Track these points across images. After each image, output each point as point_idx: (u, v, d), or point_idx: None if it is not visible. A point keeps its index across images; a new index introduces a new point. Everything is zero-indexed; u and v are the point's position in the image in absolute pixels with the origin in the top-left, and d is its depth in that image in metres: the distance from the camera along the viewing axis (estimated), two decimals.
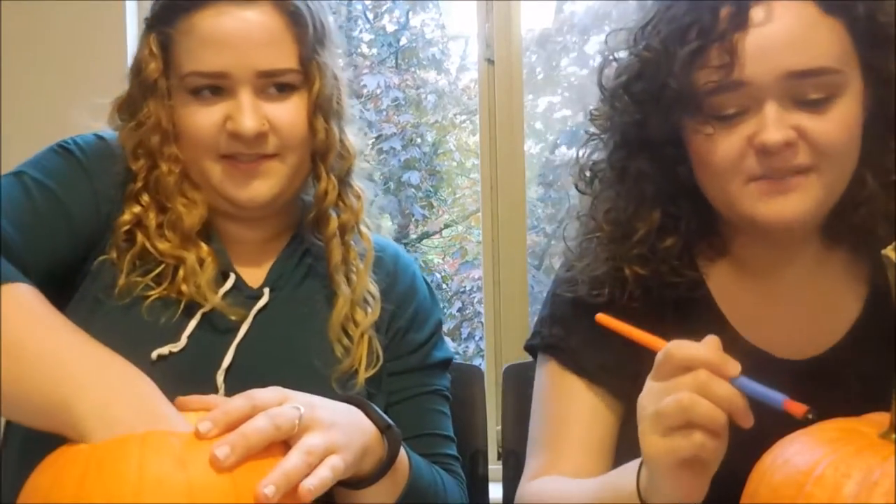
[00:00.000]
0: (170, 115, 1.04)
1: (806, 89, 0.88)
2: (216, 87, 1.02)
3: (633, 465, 0.81)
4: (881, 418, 0.71)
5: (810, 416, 0.72)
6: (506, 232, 2.03)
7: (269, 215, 1.10)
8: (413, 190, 4.18)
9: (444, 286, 4.50)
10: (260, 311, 1.05)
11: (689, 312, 1.01)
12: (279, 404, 0.82)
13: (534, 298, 2.08)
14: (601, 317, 0.85)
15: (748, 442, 0.74)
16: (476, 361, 2.22)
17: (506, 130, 2.02)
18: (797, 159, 0.89)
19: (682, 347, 0.76)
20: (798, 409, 0.72)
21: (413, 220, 4.41)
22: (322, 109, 1.05)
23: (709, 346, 0.76)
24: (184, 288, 1.02)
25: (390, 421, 0.93)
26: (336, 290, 1.08)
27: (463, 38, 4.20)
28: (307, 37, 1.03)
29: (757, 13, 0.89)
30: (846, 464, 0.65)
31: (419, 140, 4.18)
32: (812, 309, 1.01)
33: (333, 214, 1.10)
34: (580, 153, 1.06)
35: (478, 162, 2.13)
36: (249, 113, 1.00)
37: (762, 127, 0.88)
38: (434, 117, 4.20)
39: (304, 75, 1.04)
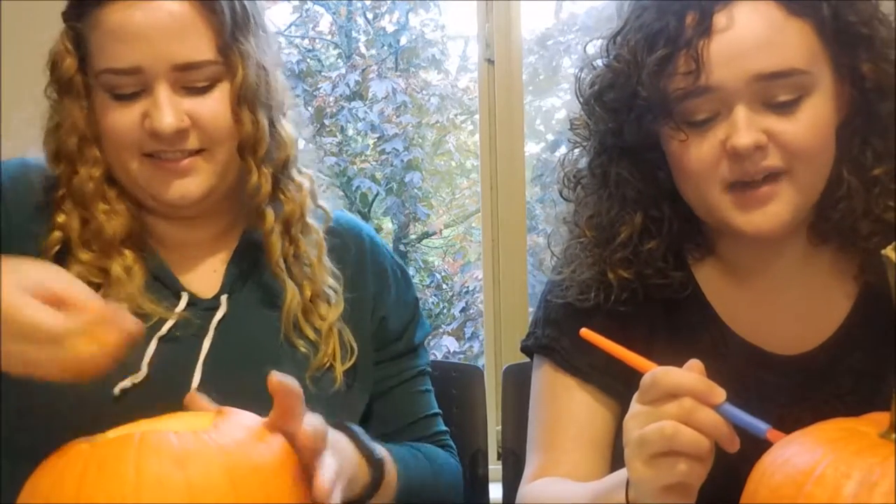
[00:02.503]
0: (87, 116, 0.99)
1: (775, 91, 0.89)
2: (133, 84, 0.96)
3: (623, 474, 0.82)
4: (881, 418, 0.71)
5: None
6: (506, 232, 2.03)
7: (211, 213, 1.05)
8: (416, 190, 4.18)
9: (444, 286, 4.50)
10: (220, 320, 1.01)
11: (681, 312, 1.02)
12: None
13: (534, 298, 2.08)
14: (585, 332, 0.85)
15: (748, 443, 0.75)
16: (480, 361, 2.22)
17: (506, 130, 2.02)
18: (768, 162, 0.90)
19: (668, 374, 0.76)
20: (781, 438, 0.73)
21: (413, 219, 4.41)
22: (247, 100, 0.99)
23: (694, 373, 0.76)
24: (115, 297, 0.95)
25: (377, 452, 0.93)
26: (283, 286, 1.03)
27: (463, 39, 4.21)
28: (225, 25, 0.98)
29: (721, 19, 0.89)
30: (846, 464, 0.65)
31: (420, 140, 4.18)
32: (802, 305, 1.01)
33: (270, 209, 1.03)
34: (563, 160, 1.07)
35: (478, 162, 2.13)
36: (167, 109, 0.95)
37: (733, 131, 0.89)
38: (435, 118, 4.20)
39: (225, 66, 0.99)
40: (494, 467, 1.40)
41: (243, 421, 0.80)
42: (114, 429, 0.81)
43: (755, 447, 0.74)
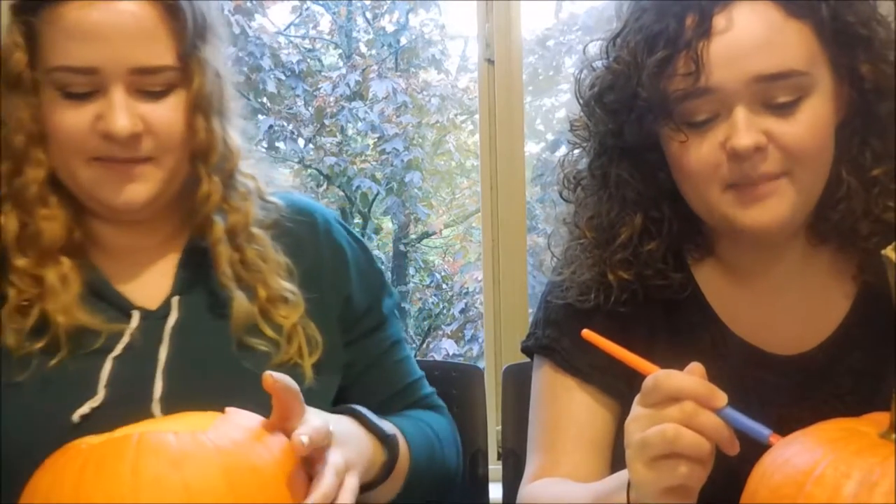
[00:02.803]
0: (36, 113, 0.95)
1: (774, 92, 0.89)
2: (86, 84, 0.93)
3: (624, 475, 0.82)
4: (881, 418, 0.71)
5: None
6: (506, 232, 2.02)
7: (157, 219, 1.03)
8: (416, 190, 4.19)
9: (444, 286, 4.50)
10: (174, 326, 0.99)
11: (681, 313, 1.02)
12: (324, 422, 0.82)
13: (534, 298, 2.08)
14: (587, 333, 0.85)
15: (747, 444, 0.75)
16: (480, 364, 2.22)
17: (506, 130, 2.01)
18: (768, 163, 0.90)
19: (671, 378, 0.76)
20: None
21: (413, 219, 4.41)
22: (202, 108, 0.97)
23: (696, 377, 0.77)
24: (49, 310, 0.93)
25: (388, 430, 0.93)
26: (231, 296, 1.00)
27: (462, 39, 4.21)
28: (186, 31, 0.95)
29: (720, 20, 0.89)
30: (846, 464, 0.65)
31: (420, 140, 4.18)
32: (801, 306, 1.01)
33: (218, 219, 1.01)
34: (563, 161, 1.07)
35: (478, 162, 2.13)
36: (122, 112, 0.92)
37: (732, 132, 0.89)
38: (435, 118, 4.21)
39: (182, 72, 0.96)
40: (494, 467, 1.40)
41: (243, 422, 0.80)
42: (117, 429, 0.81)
43: (755, 448, 0.75)
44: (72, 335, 0.95)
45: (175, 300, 1.00)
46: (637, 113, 0.94)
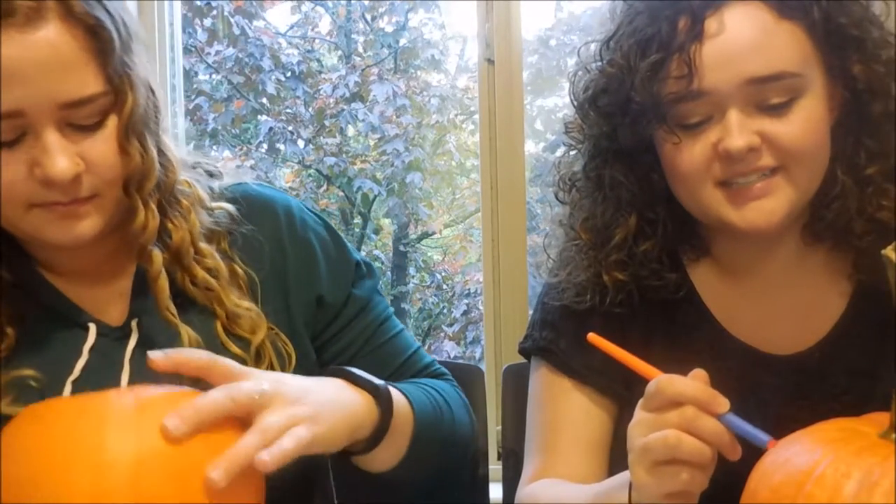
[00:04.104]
0: None
1: (767, 94, 0.89)
2: (13, 129, 0.85)
3: (626, 476, 0.82)
4: (881, 418, 0.71)
5: None
6: (506, 232, 2.03)
7: (105, 243, 0.96)
8: (417, 191, 4.19)
9: (445, 286, 4.51)
10: (134, 350, 0.94)
11: (677, 313, 1.02)
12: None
13: (534, 299, 2.08)
14: (593, 337, 0.85)
15: (747, 444, 0.75)
16: (481, 365, 2.22)
17: (506, 130, 2.02)
18: (761, 163, 0.90)
19: (672, 382, 0.77)
20: None
21: (414, 220, 4.42)
22: (136, 131, 0.90)
23: (698, 382, 0.77)
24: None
25: (377, 381, 0.90)
26: (177, 331, 0.94)
27: (462, 39, 4.21)
28: (112, 51, 0.86)
29: (712, 23, 0.90)
30: (846, 464, 0.65)
31: (420, 140, 4.19)
32: (797, 305, 1.01)
33: (156, 251, 0.94)
34: (559, 163, 1.08)
35: (478, 162, 2.13)
36: (59, 155, 0.84)
37: (725, 133, 0.90)
38: (435, 118, 4.21)
39: (114, 95, 0.88)
40: (494, 467, 1.40)
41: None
42: None
43: (755, 448, 0.75)
44: (24, 341, 0.92)
45: (134, 322, 0.96)
46: (630, 116, 0.94)
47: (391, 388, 0.92)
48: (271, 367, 0.97)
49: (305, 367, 1.02)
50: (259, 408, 0.77)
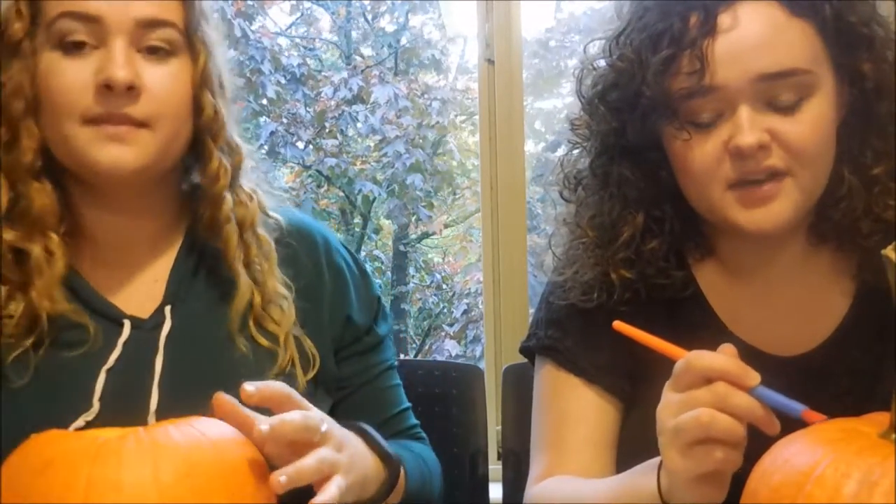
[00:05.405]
0: (33, 78, 0.92)
1: (778, 91, 0.89)
2: (88, 33, 0.90)
3: (653, 464, 0.82)
4: (881, 418, 0.71)
5: None
6: (506, 232, 2.03)
7: (147, 209, 1.00)
8: (417, 192, 4.18)
9: (445, 286, 4.51)
10: (168, 335, 0.96)
11: (681, 312, 1.02)
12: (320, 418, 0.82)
13: (534, 298, 2.08)
14: (618, 324, 0.85)
15: (749, 442, 0.75)
16: (482, 364, 2.22)
17: (506, 131, 2.02)
18: (771, 161, 0.90)
19: (702, 358, 0.76)
20: (817, 418, 0.74)
21: (415, 220, 4.41)
22: (208, 85, 0.95)
23: (728, 356, 0.76)
24: (33, 296, 0.91)
25: (391, 451, 0.93)
26: (236, 279, 0.97)
27: (462, 39, 4.21)
28: (194, 3, 0.94)
29: (725, 19, 0.90)
30: (846, 464, 0.65)
31: (421, 141, 4.18)
32: (801, 306, 1.01)
33: (228, 195, 0.99)
34: (563, 161, 1.07)
35: (478, 162, 2.13)
36: (122, 62, 0.89)
37: (736, 130, 0.89)
38: (436, 119, 4.21)
39: (186, 39, 0.94)
40: (494, 467, 1.40)
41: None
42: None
43: (756, 448, 0.74)
44: (59, 326, 0.93)
45: (168, 309, 0.98)
46: (640, 111, 0.94)
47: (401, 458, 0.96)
48: (293, 364, 1.00)
49: (328, 380, 1.05)
50: (319, 442, 0.80)
